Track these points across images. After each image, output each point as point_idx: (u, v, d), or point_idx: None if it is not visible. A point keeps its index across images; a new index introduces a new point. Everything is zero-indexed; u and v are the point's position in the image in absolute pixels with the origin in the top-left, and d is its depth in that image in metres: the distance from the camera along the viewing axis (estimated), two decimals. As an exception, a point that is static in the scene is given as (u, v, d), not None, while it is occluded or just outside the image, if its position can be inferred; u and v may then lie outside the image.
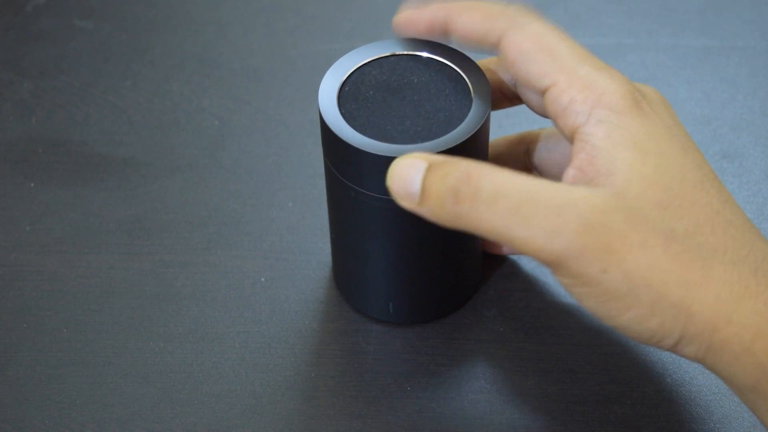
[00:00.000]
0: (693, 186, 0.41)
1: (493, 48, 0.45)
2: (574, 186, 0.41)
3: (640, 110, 0.42)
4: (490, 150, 0.50)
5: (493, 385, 0.50)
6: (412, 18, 0.47)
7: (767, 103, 0.62)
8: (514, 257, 0.55)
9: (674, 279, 0.39)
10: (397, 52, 0.48)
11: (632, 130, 0.41)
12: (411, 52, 0.48)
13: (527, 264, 0.54)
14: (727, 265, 0.40)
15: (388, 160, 0.44)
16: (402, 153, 0.44)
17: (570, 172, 0.42)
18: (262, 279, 0.54)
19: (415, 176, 0.41)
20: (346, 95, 0.46)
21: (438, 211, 0.41)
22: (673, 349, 0.41)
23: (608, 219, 0.39)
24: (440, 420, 0.49)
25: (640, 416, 0.49)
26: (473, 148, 0.45)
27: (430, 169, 0.41)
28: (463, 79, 0.47)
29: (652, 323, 0.40)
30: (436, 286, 0.51)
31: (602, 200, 0.40)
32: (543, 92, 0.43)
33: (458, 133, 0.45)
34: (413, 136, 0.45)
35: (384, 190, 0.45)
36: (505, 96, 0.49)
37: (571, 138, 0.43)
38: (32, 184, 0.59)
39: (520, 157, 0.51)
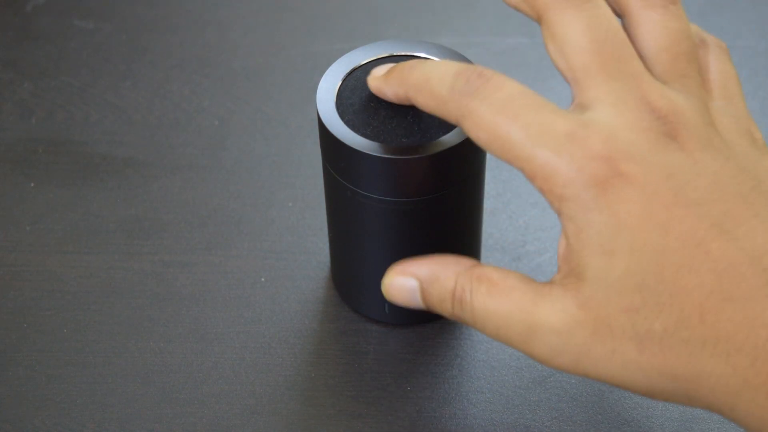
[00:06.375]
0: (677, 271, 0.37)
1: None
2: (542, 300, 0.40)
3: (609, 193, 0.38)
4: None
5: (493, 385, 0.50)
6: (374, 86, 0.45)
7: (767, 103, 0.62)
8: (514, 259, 0.55)
9: (657, 375, 0.38)
10: (396, 53, 0.48)
11: (599, 228, 0.38)
12: (409, 53, 0.48)
13: (527, 264, 0.54)
14: (719, 357, 0.37)
15: (385, 161, 0.44)
16: (399, 153, 0.44)
17: (560, 255, 0.40)
18: (262, 279, 0.54)
19: (413, 296, 0.44)
20: (345, 95, 0.46)
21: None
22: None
23: (571, 339, 0.39)
24: (440, 420, 0.49)
25: (640, 416, 0.49)
26: (471, 148, 0.45)
27: (423, 289, 0.43)
28: (463, 79, 0.47)
29: (658, 396, 0.39)
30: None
31: (563, 319, 0.39)
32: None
33: (456, 134, 0.45)
34: (411, 136, 0.45)
35: (380, 191, 0.46)
36: None
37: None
38: (32, 184, 0.59)
39: None
